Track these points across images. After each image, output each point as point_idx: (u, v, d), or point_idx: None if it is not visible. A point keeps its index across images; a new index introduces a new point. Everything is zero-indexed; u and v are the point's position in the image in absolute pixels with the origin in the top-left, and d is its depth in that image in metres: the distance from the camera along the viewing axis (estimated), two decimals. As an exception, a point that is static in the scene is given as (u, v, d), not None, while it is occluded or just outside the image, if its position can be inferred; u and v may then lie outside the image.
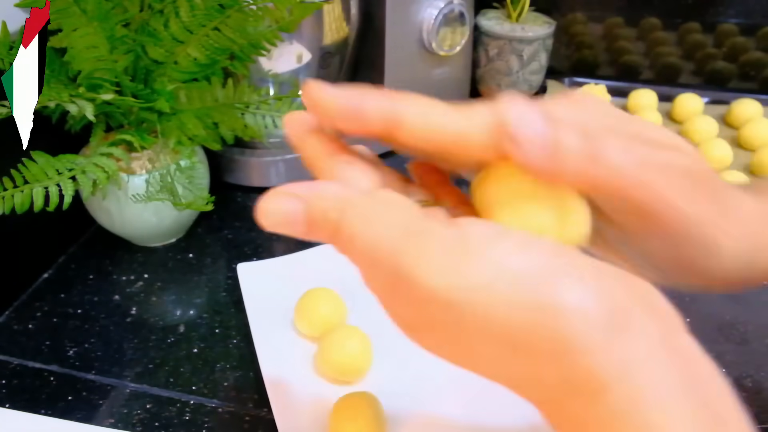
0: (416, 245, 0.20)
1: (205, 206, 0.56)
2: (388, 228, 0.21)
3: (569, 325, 0.19)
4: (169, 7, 0.53)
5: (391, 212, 0.21)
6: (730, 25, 0.83)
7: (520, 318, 0.19)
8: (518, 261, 0.19)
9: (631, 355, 0.19)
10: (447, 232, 0.20)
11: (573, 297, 0.19)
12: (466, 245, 0.19)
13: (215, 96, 0.57)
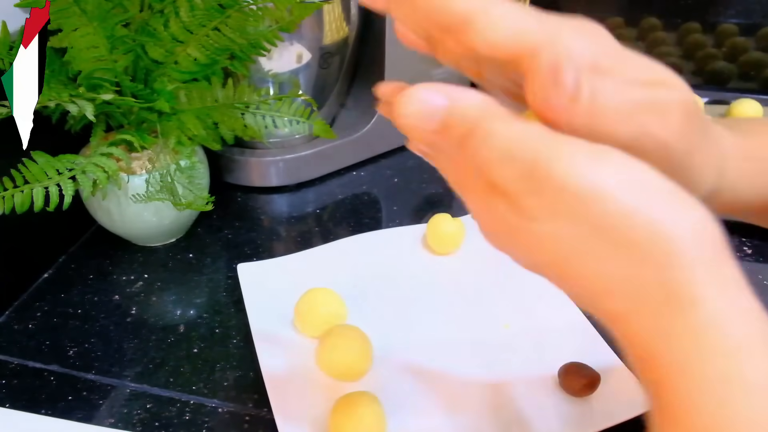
0: (556, 144, 0.22)
1: (205, 206, 0.56)
2: (527, 130, 0.22)
3: (684, 239, 0.21)
4: (169, 7, 0.53)
5: (524, 123, 0.23)
6: (730, 25, 0.83)
7: (641, 221, 0.21)
8: (648, 176, 0.21)
9: (729, 280, 0.21)
10: (579, 141, 0.22)
11: (693, 217, 0.21)
12: (602, 152, 0.21)
13: (215, 96, 0.57)
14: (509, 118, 0.23)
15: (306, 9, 0.58)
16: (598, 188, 0.21)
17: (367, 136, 0.73)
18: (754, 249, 0.61)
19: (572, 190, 0.21)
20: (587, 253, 0.22)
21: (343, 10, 0.66)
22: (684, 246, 0.21)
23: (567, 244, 0.22)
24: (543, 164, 0.21)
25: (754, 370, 0.20)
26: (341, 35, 0.67)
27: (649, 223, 0.21)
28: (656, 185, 0.21)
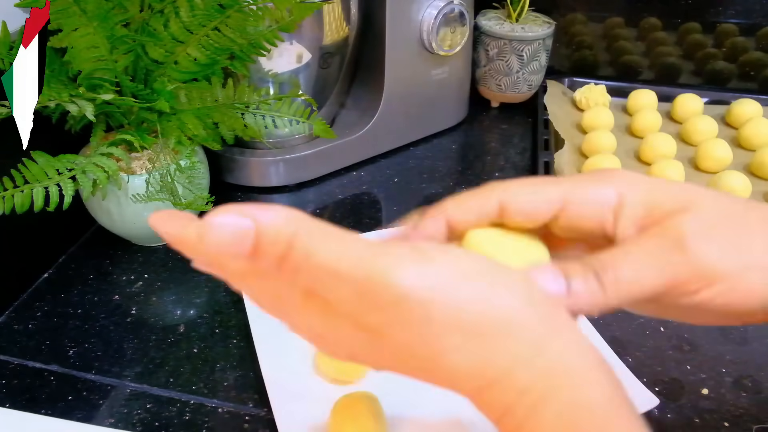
0: (385, 254, 0.22)
1: (205, 206, 0.56)
2: (352, 243, 0.22)
3: (513, 315, 0.23)
4: (169, 7, 0.53)
5: (347, 235, 0.23)
6: (730, 25, 0.83)
7: (483, 311, 0.22)
8: (473, 265, 0.23)
9: (562, 326, 0.23)
10: (406, 248, 0.23)
11: (515, 293, 0.23)
12: (430, 254, 0.23)
13: (215, 96, 0.57)
14: (325, 233, 0.22)
15: (306, 9, 0.58)
16: (436, 289, 0.22)
17: (367, 136, 0.73)
18: (754, 249, 0.61)
19: (414, 298, 0.22)
20: (435, 351, 0.23)
21: (343, 10, 0.66)
22: (515, 318, 0.22)
23: (417, 347, 0.23)
24: (377, 277, 0.22)
25: (595, 396, 0.22)
26: (341, 35, 0.67)
27: (480, 309, 0.22)
28: (477, 272, 0.23)
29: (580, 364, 0.23)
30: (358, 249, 0.22)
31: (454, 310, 0.22)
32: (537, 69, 0.83)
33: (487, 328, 0.22)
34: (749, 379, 0.47)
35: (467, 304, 0.22)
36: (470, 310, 0.22)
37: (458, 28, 0.72)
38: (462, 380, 0.23)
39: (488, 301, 0.22)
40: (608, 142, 0.72)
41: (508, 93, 0.85)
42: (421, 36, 0.71)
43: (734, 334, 0.51)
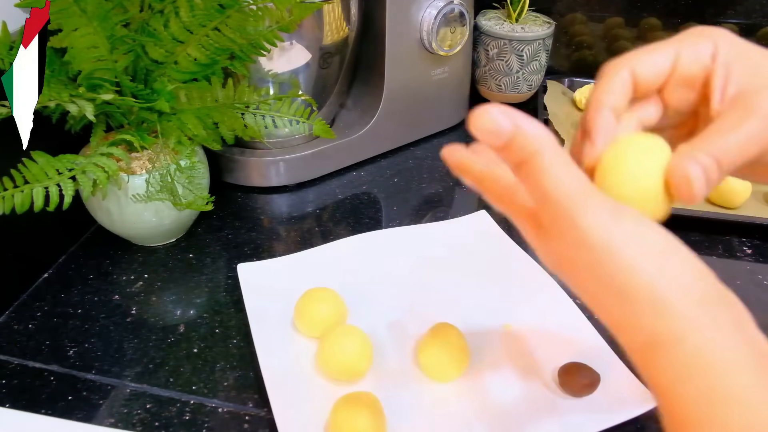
0: (588, 198, 0.26)
1: (205, 206, 0.56)
2: (572, 176, 0.26)
3: (671, 294, 0.25)
4: (169, 7, 0.53)
5: (574, 167, 0.27)
6: (730, 25, 0.83)
7: (638, 280, 0.25)
8: (651, 236, 0.26)
9: (716, 321, 0.25)
10: (608, 201, 0.26)
11: (683, 272, 0.25)
12: (619, 212, 0.26)
13: (215, 96, 0.57)
14: (560, 159, 0.26)
15: (306, 9, 0.58)
16: (610, 244, 0.25)
17: (367, 136, 0.73)
18: (754, 249, 0.61)
19: (590, 244, 0.26)
20: (598, 298, 0.27)
21: (343, 10, 0.66)
22: (671, 299, 0.25)
23: (582, 284, 0.27)
24: (570, 214, 0.26)
25: (736, 386, 0.24)
26: (341, 35, 0.68)
27: (646, 282, 0.25)
28: (657, 245, 0.26)
29: (723, 358, 0.24)
30: (575, 184, 0.26)
31: (618, 270, 0.25)
32: (537, 69, 0.83)
33: (642, 300, 0.25)
34: (749, 379, 0.47)
35: (631, 275, 0.25)
36: (633, 282, 0.25)
37: (458, 28, 0.72)
38: (616, 327, 0.27)
39: (651, 281, 0.25)
40: (608, 142, 0.72)
41: (508, 93, 0.85)
42: (421, 36, 0.71)
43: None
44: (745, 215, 0.63)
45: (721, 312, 0.25)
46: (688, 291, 0.25)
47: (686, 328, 0.25)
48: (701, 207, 0.64)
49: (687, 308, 0.25)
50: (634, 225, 0.26)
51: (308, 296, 0.50)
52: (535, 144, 0.26)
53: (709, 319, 0.25)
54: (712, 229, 0.63)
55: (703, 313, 0.25)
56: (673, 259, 0.26)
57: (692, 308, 0.25)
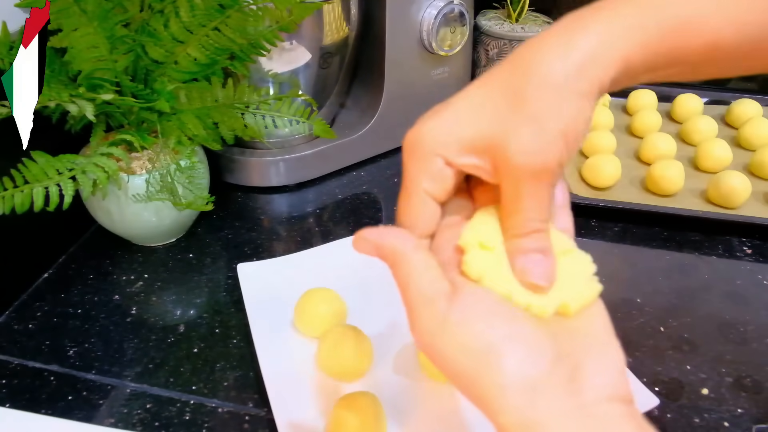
0: (423, 310, 0.28)
1: (205, 206, 0.56)
2: (414, 284, 0.29)
3: (493, 388, 0.26)
4: (169, 7, 0.53)
5: (424, 275, 0.29)
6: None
7: (466, 381, 0.26)
8: (473, 341, 0.26)
9: (541, 417, 0.25)
10: (442, 307, 0.27)
11: (506, 367, 0.26)
12: (446, 323, 0.27)
13: (215, 96, 0.57)
14: (410, 264, 0.29)
15: (306, 9, 0.58)
16: (436, 351, 0.27)
17: (367, 136, 0.73)
18: (754, 249, 0.61)
19: (424, 346, 0.28)
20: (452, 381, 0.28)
21: (343, 10, 0.66)
22: (496, 394, 0.26)
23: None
24: (411, 323, 0.28)
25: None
26: (341, 35, 0.68)
27: (474, 381, 0.26)
28: (482, 348, 0.26)
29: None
30: (417, 297, 0.28)
31: (448, 369, 0.27)
32: (537, 69, 0.83)
33: (473, 394, 0.26)
34: (749, 379, 0.47)
35: (460, 378, 0.27)
36: (462, 381, 0.27)
37: (458, 28, 0.72)
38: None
39: (475, 379, 0.26)
40: (608, 142, 0.72)
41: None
42: (421, 36, 0.71)
43: (734, 334, 0.51)
44: (745, 215, 0.63)
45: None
46: (510, 385, 0.25)
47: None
48: (701, 207, 0.64)
49: (515, 400, 0.25)
50: (454, 332, 0.27)
51: (308, 296, 0.50)
52: (390, 258, 0.30)
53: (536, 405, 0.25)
54: (712, 229, 0.63)
55: (529, 401, 0.25)
56: (490, 357, 0.26)
57: (519, 397, 0.25)
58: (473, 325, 0.27)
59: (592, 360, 0.26)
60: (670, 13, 0.29)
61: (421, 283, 0.28)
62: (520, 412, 0.25)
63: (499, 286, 0.28)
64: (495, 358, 0.26)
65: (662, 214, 0.63)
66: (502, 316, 0.27)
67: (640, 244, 0.61)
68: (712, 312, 0.53)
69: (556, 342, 0.27)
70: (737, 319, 0.53)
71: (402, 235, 0.30)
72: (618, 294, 0.55)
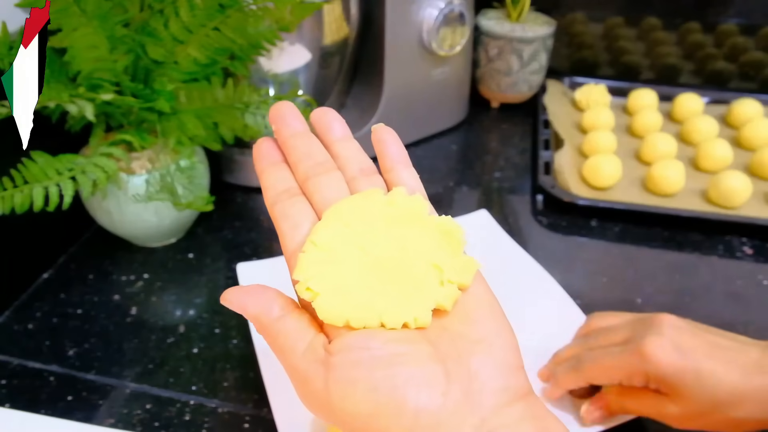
0: (302, 388, 0.27)
1: (205, 206, 0.56)
2: (292, 365, 0.27)
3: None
4: (169, 7, 0.53)
5: (296, 348, 0.27)
6: (730, 25, 0.83)
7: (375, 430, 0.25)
8: (362, 408, 0.25)
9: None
10: (320, 384, 0.26)
11: (404, 420, 0.24)
12: (329, 401, 0.26)
13: (215, 96, 0.57)
14: (280, 335, 0.28)
15: (306, 9, 0.58)
16: (335, 421, 0.26)
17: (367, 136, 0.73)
18: (755, 249, 0.61)
19: (317, 412, 0.27)
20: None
21: (343, 10, 0.66)
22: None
23: None
24: (297, 393, 0.28)
25: None
26: (341, 35, 0.67)
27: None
28: (369, 412, 0.25)
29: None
30: (288, 361, 0.27)
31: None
32: (537, 69, 0.83)
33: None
34: (749, 379, 0.47)
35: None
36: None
37: (458, 28, 0.72)
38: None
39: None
40: (608, 142, 0.72)
41: (508, 93, 0.85)
42: (421, 36, 0.71)
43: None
44: (745, 215, 0.63)
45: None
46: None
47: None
48: (701, 207, 0.64)
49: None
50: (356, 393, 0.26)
51: (308, 296, 0.49)
52: (256, 325, 0.29)
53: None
54: (712, 229, 0.63)
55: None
56: (383, 419, 0.25)
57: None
58: (356, 395, 0.25)
59: (479, 361, 0.26)
60: None
61: (294, 358, 0.27)
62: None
63: (363, 321, 0.26)
64: (389, 416, 0.24)
65: (662, 215, 0.63)
66: (382, 363, 0.25)
67: (640, 244, 0.61)
68: (712, 312, 0.53)
69: (441, 354, 0.26)
70: (737, 320, 0.53)
71: (265, 299, 0.29)
72: (618, 294, 0.55)
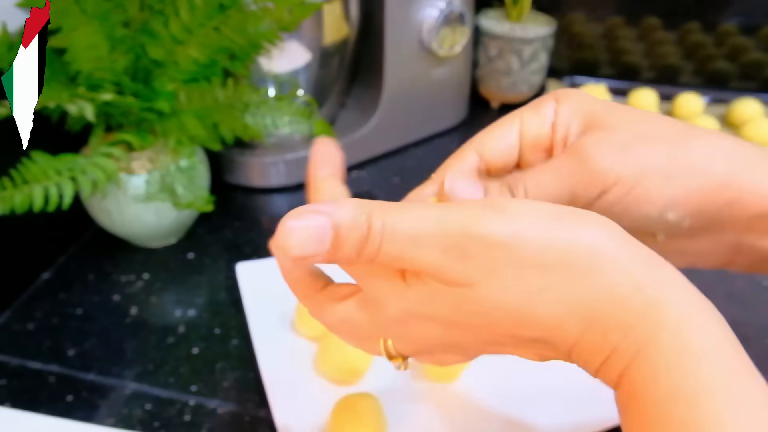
0: (459, 213, 0.23)
1: (205, 206, 0.56)
2: (424, 211, 0.23)
3: (603, 246, 0.22)
4: (169, 7, 0.53)
5: (416, 205, 0.24)
6: (730, 25, 0.83)
7: (558, 246, 0.22)
8: (551, 207, 0.23)
9: (662, 272, 0.22)
10: (476, 204, 0.23)
11: (603, 228, 0.23)
12: (503, 204, 0.23)
13: (215, 96, 0.57)
14: (396, 207, 0.24)
15: (306, 9, 0.58)
16: (520, 232, 0.22)
17: (367, 136, 0.73)
18: (755, 249, 0.61)
19: (500, 241, 0.22)
20: (529, 293, 0.23)
21: (343, 10, 0.66)
22: (605, 251, 0.22)
23: (510, 294, 0.23)
24: (459, 234, 0.22)
25: (702, 340, 0.21)
26: (341, 35, 0.67)
27: (566, 244, 0.22)
28: (556, 213, 0.23)
29: (684, 303, 0.22)
30: (432, 214, 0.23)
31: (541, 248, 0.22)
32: (537, 69, 0.83)
33: (577, 263, 0.22)
34: (749, 379, 0.47)
35: (553, 242, 0.22)
36: (557, 247, 0.22)
37: (458, 28, 0.72)
38: (558, 327, 0.23)
39: (575, 236, 0.22)
40: (608, 142, 0.72)
41: (508, 93, 0.85)
42: (421, 36, 0.71)
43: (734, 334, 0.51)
44: (745, 215, 0.63)
45: (669, 270, 0.23)
46: (623, 243, 0.23)
47: (638, 275, 0.22)
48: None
49: (630, 259, 0.22)
50: (518, 209, 0.23)
51: (308, 296, 0.49)
52: (361, 212, 0.23)
53: (657, 270, 0.23)
54: (712, 229, 0.63)
55: (649, 264, 0.22)
56: (582, 219, 0.23)
57: (635, 259, 0.22)
58: (542, 203, 0.24)
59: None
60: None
61: (436, 208, 0.24)
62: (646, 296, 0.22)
63: None
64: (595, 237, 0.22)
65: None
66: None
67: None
68: (713, 312, 0.53)
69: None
70: (737, 319, 0.52)
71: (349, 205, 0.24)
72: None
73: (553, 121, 0.30)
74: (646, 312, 0.22)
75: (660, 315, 0.21)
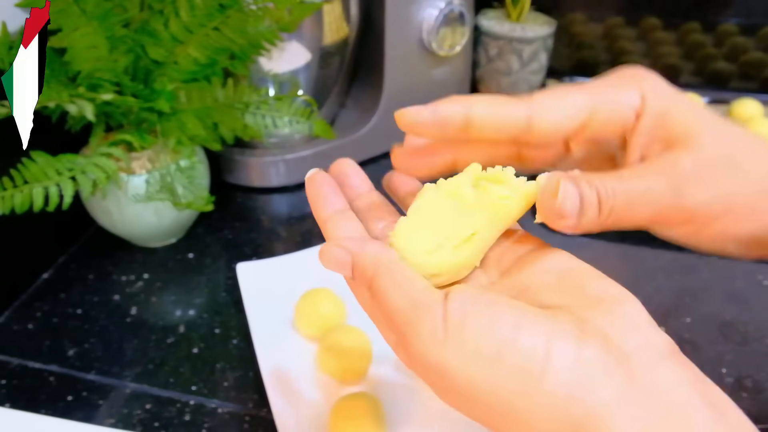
0: (419, 322, 0.24)
1: (205, 206, 0.56)
2: (411, 298, 0.24)
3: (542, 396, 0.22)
4: (169, 7, 0.53)
5: (406, 283, 0.25)
6: (730, 25, 0.83)
7: (493, 386, 0.23)
8: (487, 343, 0.22)
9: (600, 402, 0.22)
10: (439, 313, 0.23)
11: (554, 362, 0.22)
12: (451, 329, 0.23)
13: (215, 96, 0.57)
14: (397, 274, 0.24)
15: (306, 9, 0.58)
16: (442, 365, 0.24)
17: (367, 136, 0.73)
18: (754, 249, 0.61)
19: (426, 366, 0.24)
20: (472, 412, 0.25)
21: (343, 10, 0.66)
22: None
23: (451, 401, 0.26)
24: (403, 343, 0.25)
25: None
26: (341, 35, 0.67)
27: (500, 389, 0.23)
28: (494, 351, 0.22)
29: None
30: (409, 302, 0.24)
31: (462, 387, 0.24)
32: (537, 69, 0.83)
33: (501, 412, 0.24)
34: (749, 379, 0.47)
35: (486, 384, 0.23)
36: (489, 389, 0.23)
37: (458, 28, 0.72)
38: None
39: (510, 393, 0.23)
40: (608, 142, 0.72)
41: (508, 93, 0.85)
42: (421, 36, 0.71)
43: (734, 334, 0.51)
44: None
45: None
46: (561, 383, 0.22)
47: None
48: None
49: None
50: (463, 339, 0.23)
51: (308, 296, 0.50)
52: (370, 269, 0.24)
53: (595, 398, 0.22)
54: (712, 229, 0.63)
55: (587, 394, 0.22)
56: (516, 357, 0.23)
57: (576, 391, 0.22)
58: (478, 322, 0.22)
59: (606, 320, 0.23)
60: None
61: (413, 290, 0.24)
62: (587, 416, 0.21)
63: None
64: (525, 353, 0.21)
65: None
66: (503, 306, 0.23)
67: (640, 244, 0.61)
68: (712, 312, 0.53)
69: (569, 314, 0.23)
70: (737, 319, 0.53)
71: (380, 244, 0.26)
72: (618, 294, 0.55)
73: (633, 121, 0.27)
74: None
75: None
